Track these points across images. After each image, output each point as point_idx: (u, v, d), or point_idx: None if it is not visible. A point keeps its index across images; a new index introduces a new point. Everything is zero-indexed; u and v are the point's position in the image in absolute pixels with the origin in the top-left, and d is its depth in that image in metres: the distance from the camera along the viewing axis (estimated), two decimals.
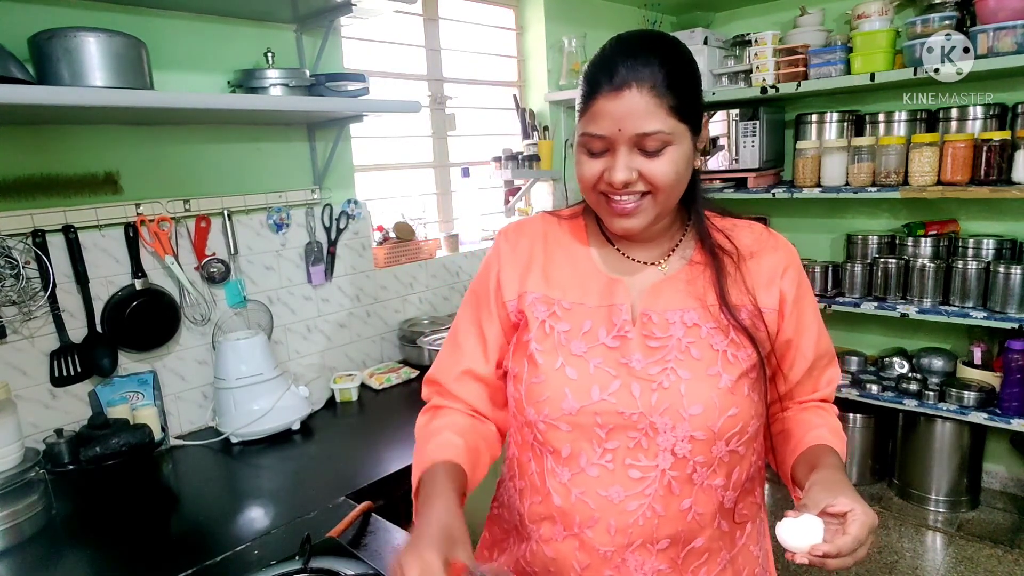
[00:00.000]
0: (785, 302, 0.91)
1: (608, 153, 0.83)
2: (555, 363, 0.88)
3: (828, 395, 0.99)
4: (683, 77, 0.82)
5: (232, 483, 1.56)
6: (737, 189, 3.10)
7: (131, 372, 1.70)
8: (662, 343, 0.87)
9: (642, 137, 0.80)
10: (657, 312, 0.88)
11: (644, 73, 0.79)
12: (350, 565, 1.02)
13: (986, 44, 2.33)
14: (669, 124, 0.80)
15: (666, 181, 0.83)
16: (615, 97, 0.79)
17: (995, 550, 2.51)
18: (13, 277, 1.46)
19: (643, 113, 0.79)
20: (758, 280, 0.91)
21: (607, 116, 0.80)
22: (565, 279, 0.93)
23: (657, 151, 0.81)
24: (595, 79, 0.82)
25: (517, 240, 0.98)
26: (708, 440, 0.84)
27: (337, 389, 2.02)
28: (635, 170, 0.82)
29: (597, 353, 0.87)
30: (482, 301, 0.97)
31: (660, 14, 3.22)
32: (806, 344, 0.94)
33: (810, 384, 0.97)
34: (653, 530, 0.86)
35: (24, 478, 1.30)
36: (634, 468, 0.85)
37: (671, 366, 0.85)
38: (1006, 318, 2.42)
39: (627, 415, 0.85)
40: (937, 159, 2.54)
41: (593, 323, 0.89)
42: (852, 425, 2.99)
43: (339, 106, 1.76)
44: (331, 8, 1.83)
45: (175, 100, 1.48)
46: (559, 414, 0.87)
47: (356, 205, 2.15)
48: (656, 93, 0.79)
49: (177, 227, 1.75)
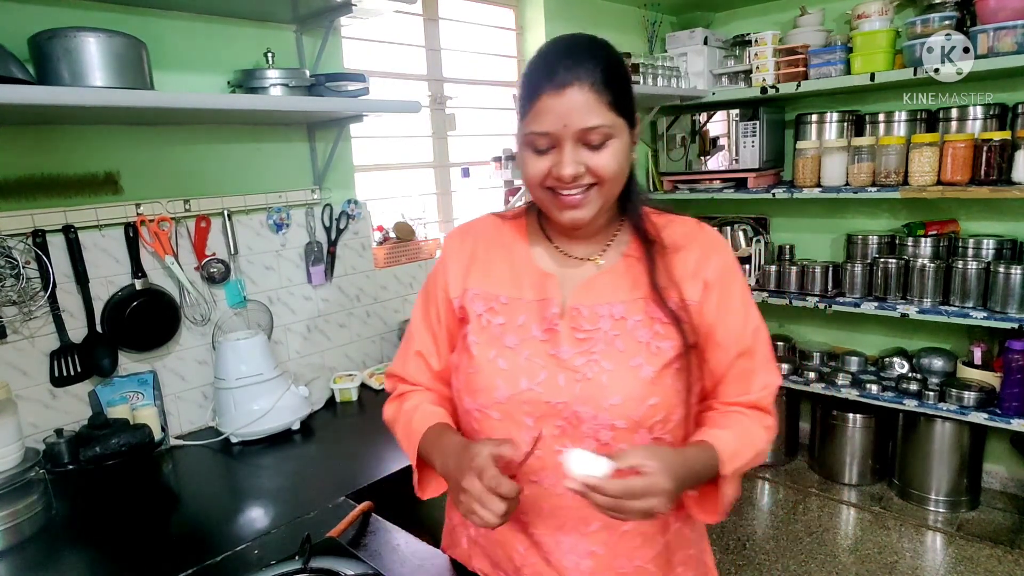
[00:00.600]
0: (707, 292, 0.93)
1: (554, 150, 0.87)
2: (489, 354, 0.94)
3: (760, 400, 0.96)
4: (617, 75, 0.86)
5: (232, 483, 1.56)
6: (737, 189, 3.10)
7: (131, 372, 1.70)
8: (589, 335, 0.91)
9: (586, 131, 0.84)
10: (587, 306, 0.93)
11: (583, 71, 0.83)
12: (350, 565, 1.02)
13: (986, 44, 2.33)
14: (609, 118, 0.85)
15: (611, 172, 0.87)
16: (558, 95, 0.83)
17: (995, 550, 2.51)
18: (13, 277, 1.46)
19: (585, 109, 0.83)
20: (684, 273, 0.94)
21: (551, 113, 0.84)
22: (504, 276, 0.99)
23: (600, 144, 0.86)
24: (537, 80, 0.86)
25: (463, 240, 1.04)
26: (630, 428, 0.88)
27: (337, 389, 2.02)
28: (581, 164, 0.86)
29: (528, 345, 0.93)
30: (431, 300, 1.04)
31: (660, 14, 3.22)
32: (724, 333, 0.94)
33: (739, 385, 0.95)
34: (584, 514, 0.91)
35: (24, 478, 1.30)
36: (561, 455, 0.89)
37: (596, 357, 0.90)
38: (1006, 318, 2.42)
39: (552, 404, 0.90)
40: (937, 159, 2.54)
41: (527, 317, 0.94)
42: (852, 425, 2.99)
43: (339, 106, 1.76)
44: (331, 8, 1.83)
45: (175, 100, 1.48)
46: (491, 402, 0.93)
47: (356, 205, 2.15)
48: (596, 89, 0.83)
49: (177, 227, 1.75)
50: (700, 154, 3.20)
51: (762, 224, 3.35)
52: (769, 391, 0.96)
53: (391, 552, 1.13)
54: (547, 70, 0.85)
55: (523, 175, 0.92)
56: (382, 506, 1.30)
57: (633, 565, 0.94)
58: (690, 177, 3.27)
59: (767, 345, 0.97)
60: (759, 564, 2.51)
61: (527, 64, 0.89)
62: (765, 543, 2.65)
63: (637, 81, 2.79)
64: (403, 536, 1.18)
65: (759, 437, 0.93)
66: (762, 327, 0.97)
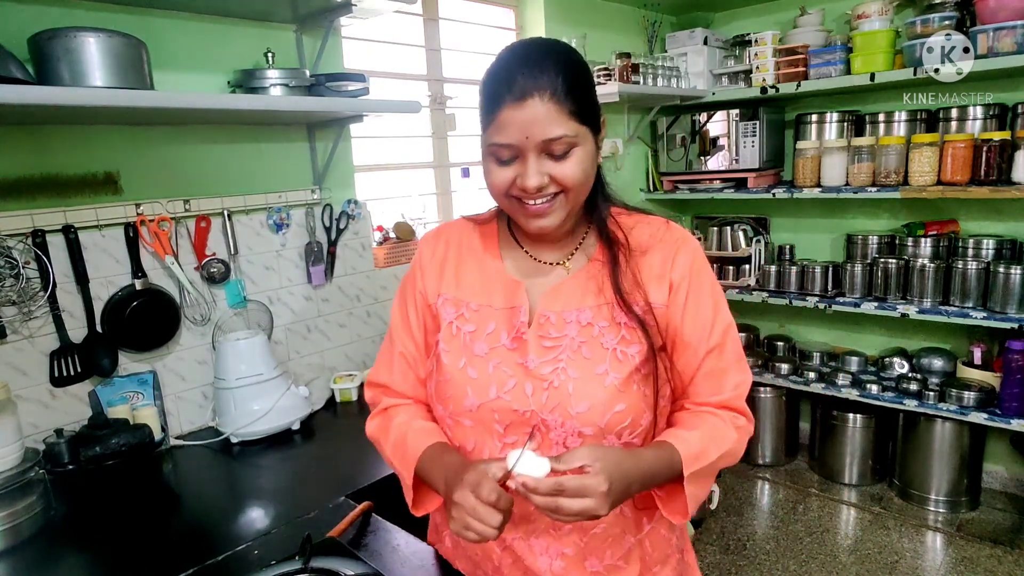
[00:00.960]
0: (672, 292, 0.93)
1: (517, 160, 0.86)
2: (459, 363, 0.95)
3: (731, 400, 0.95)
4: (580, 82, 0.85)
5: (232, 483, 1.56)
6: (737, 189, 3.11)
7: (131, 372, 1.70)
8: (556, 343, 0.91)
9: (549, 142, 0.84)
10: (555, 312, 0.93)
11: (544, 81, 0.82)
12: (350, 565, 1.02)
13: (986, 44, 2.33)
14: (572, 128, 0.84)
15: (575, 180, 0.86)
16: (519, 107, 0.82)
17: (995, 550, 2.51)
18: (13, 277, 1.46)
19: (547, 120, 0.82)
20: (649, 275, 0.93)
21: (513, 125, 0.83)
22: (474, 282, 0.99)
23: (564, 154, 0.85)
24: (496, 91, 0.84)
25: (435, 245, 1.04)
26: (596, 435, 0.89)
27: (337, 389, 2.02)
28: (545, 174, 0.85)
29: (497, 354, 0.93)
30: (409, 303, 1.03)
31: (660, 14, 3.22)
32: (692, 333, 0.92)
33: (710, 385, 0.94)
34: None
35: (24, 478, 1.30)
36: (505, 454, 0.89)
37: (562, 365, 0.90)
38: (1006, 318, 2.42)
39: (520, 412, 0.90)
40: (937, 159, 2.54)
41: (496, 325, 0.95)
42: (852, 425, 2.99)
43: (339, 106, 1.76)
44: (331, 8, 1.83)
45: (175, 100, 1.48)
46: (462, 410, 0.94)
47: (356, 205, 2.15)
48: (557, 99, 0.82)
49: (177, 227, 1.75)
50: (700, 154, 3.20)
51: (762, 224, 3.35)
52: (741, 390, 0.95)
53: (391, 552, 1.13)
54: (507, 80, 0.83)
55: (487, 184, 0.91)
56: (382, 506, 1.30)
57: (603, 564, 0.95)
58: (690, 177, 3.26)
59: (737, 343, 0.96)
60: (759, 564, 2.51)
61: (485, 72, 0.88)
62: (765, 543, 2.65)
63: (637, 81, 2.79)
64: (403, 536, 1.18)
65: (728, 437, 0.92)
66: (732, 325, 0.96)
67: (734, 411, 0.95)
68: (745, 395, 0.96)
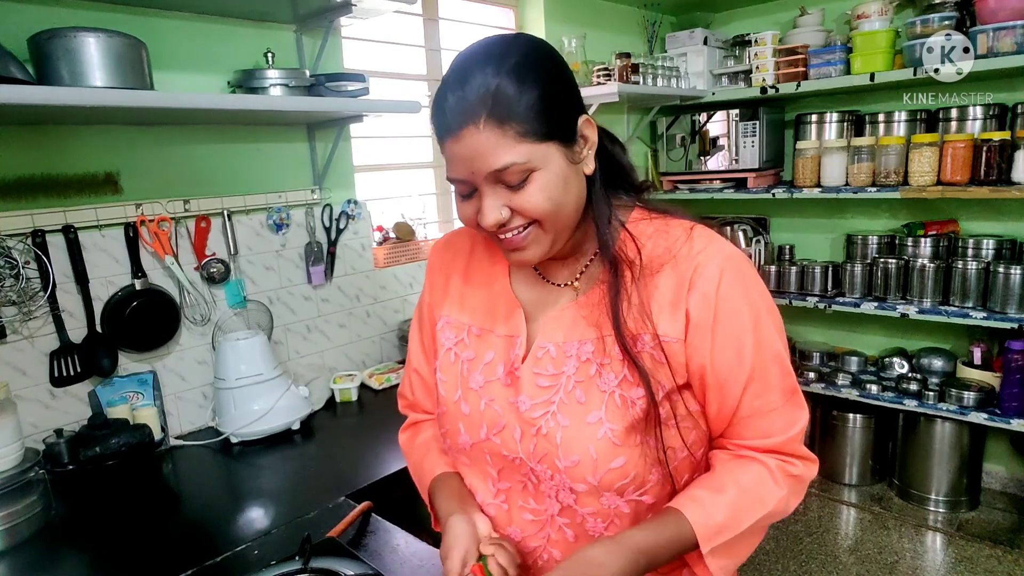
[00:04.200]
0: (692, 325, 0.76)
1: (477, 194, 0.75)
2: (454, 396, 0.88)
3: (783, 445, 0.78)
4: (528, 92, 0.70)
5: (232, 483, 1.56)
6: (737, 189, 3.10)
7: (131, 372, 1.70)
8: (553, 382, 0.80)
9: (498, 173, 0.71)
10: (556, 343, 0.81)
11: (474, 108, 0.69)
12: (350, 565, 1.02)
13: (986, 44, 2.33)
14: (522, 152, 0.70)
15: (540, 210, 0.73)
16: (456, 142, 0.71)
17: (995, 550, 2.51)
18: (13, 277, 1.46)
19: (488, 150, 0.70)
20: (661, 301, 0.77)
21: (457, 160, 0.73)
22: (479, 302, 0.90)
23: (521, 183, 0.72)
24: (436, 122, 0.74)
25: (443, 256, 0.97)
26: (591, 492, 0.77)
27: (337, 389, 2.02)
28: (504, 207, 0.74)
29: (491, 390, 0.84)
30: (421, 318, 0.99)
31: (660, 14, 3.22)
32: (721, 368, 0.76)
33: (753, 428, 0.78)
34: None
35: (24, 478, 1.30)
36: (526, 511, 0.84)
37: (553, 409, 0.78)
38: (1006, 318, 2.42)
39: (510, 458, 0.82)
40: (937, 159, 2.54)
41: (495, 355, 0.85)
42: (852, 425, 2.99)
43: (339, 106, 1.76)
44: (331, 8, 1.83)
45: (175, 100, 1.48)
46: (456, 446, 0.88)
47: (356, 205, 2.15)
48: (495, 123, 0.69)
49: (177, 227, 1.75)
50: (700, 154, 3.20)
51: (762, 224, 3.35)
52: (793, 432, 0.78)
53: (391, 552, 1.13)
54: (441, 109, 0.73)
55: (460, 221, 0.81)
56: (382, 506, 1.30)
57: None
58: (690, 177, 3.26)
59: (786, 374, 0.78)
60: (759, 564, 2.51)
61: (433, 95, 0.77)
62: (765, 543, 2.65)
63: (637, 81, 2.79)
64: (403, 536, 1.18)
65: (769, 496, 0.76)
66: (779, 354, 0.78)
67: (787, 456, 0.79)
68: (801, 437, 0.79)
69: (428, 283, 0.98)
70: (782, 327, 0.80)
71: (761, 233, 3.29)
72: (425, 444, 0.99)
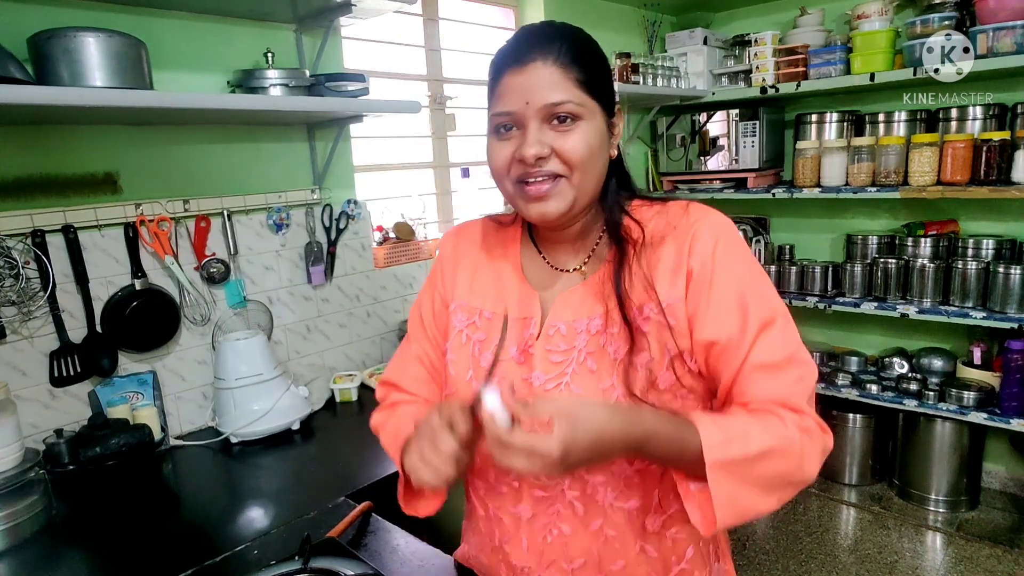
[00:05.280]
0: (692, 283, 0.80)
1: (519, 132, 0.80)
2: (466, 375, 0.90)
3: (792, 398, 0.76)
4: (588, 54, 0.81)
5: (232, 483, 1.56)
6: (737, 189, 3.10)
7: (131, 372, 1.70)
8: (565, 356, 0.84)
9: (551, 107, 0.78)
10: (566, 322, 0.85)
11: (547, 48, 0.78)
12: (350, 565, 1.02)
13: (986, 44, 2.33)
14: (577, 96, 0.78)
15: (579, 156, 0.79)
16: (520, 72, 0.78)
17: (995, 550, 2.51)
18: (13, 277, 1.46)
19: (549, 84, 0.77)
20: (664, 269, 0.82)
21: (513, 91, 0.79)
22: (490, 288, 0.93)
23: (568, 125, 0.79)
24: (500, 61, 0.82)
25: (457, 243, 1.01)
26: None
27: (337, 389, 2.02)
28: (547, 145, 0.79)
29: (504, 368, 0.87)
30: (424, 304, 1.01)
31: (660, 14, 3.22)
32: (721, 324, 0.78)
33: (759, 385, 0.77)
34: (564, 549, 0.86)
35: (24, 478, 1.30)
36: (536, 487, 0.86)
37: (567, 380, 0.82)
38: (1006, 318, 2.42)
39: None
40: (937, 159, 2.54)
41: (507, 335, 0.88)
42: (852, 425, 2.99)
43: (339, 106, 1.76)
44: (331, 8, 1.83)
45: (175, 100, 1.48)
46: None
47: (356, 205, 2.15)
48: (561, 64, 0.78)
49: (177, 227, 1.75)
50: (700, 154, 3.20)
51: (762, 224, 3.35)
52: (802, 386, 0.77)
53: (391, 552, 1.13)
54: (511, 50, 0.81)
55: (490, 167, 0.85)
56: (382, 506, 1.30)
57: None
58: (690, 177, 3.27)
59: (789, 330, 0.79)
60: (759, 564, 2.51)
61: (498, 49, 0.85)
62: (765, 543, 2.65)
63: (637, 81, 2.79)
64: (403, 536, 1.18)
65: (784, 434, 0.73)
66: (778, 311, 0.79)
67: (797, 413, 0.76)
68: (809, 393, 0.78)
69: (439, 270, 1.00)
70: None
71: (761, 233, 3.29)
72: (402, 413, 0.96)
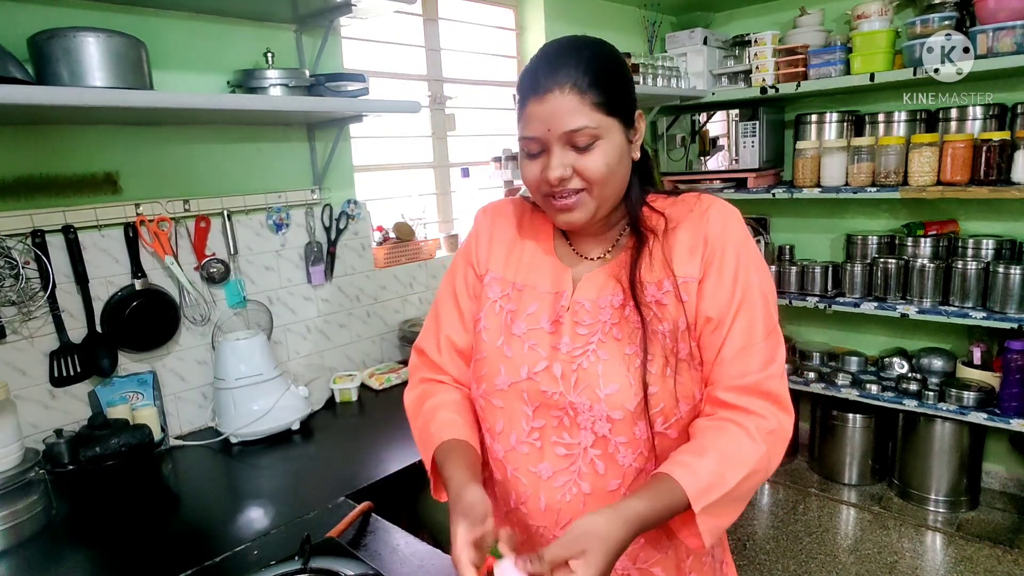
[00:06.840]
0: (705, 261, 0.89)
1: (544, 154, 0.88)
2: (497, 341, 0.96)
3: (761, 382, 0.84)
4: (606, 73, 0.86)
5: (232, 483, 1.56)
6: (737, 189, 3.10)
7: (131, 372, 1.70)
8: (591, 328, 0.91)
9: (571, 134, 0.85)
10: (591, 299, 0.93)
11: (564, 76, 0.84)
12: (350, 565, 1.02)
13: (986, 44, 2.33)
14: (595, 119, 0.85)
15: (599, 174, 0.87)
16: (541, 102, 0.85)
17: (995, 550, 2.51)
18: (13, 277, 1.46)
19: (567, 112, 0.84)
20: (680, 249, 0.90)
21: (536, 119, 0.86)
22: (524, 263, 1.00)
23: (587, 146, 0.86)
24: (524, 87, 0.89)
25: (494, 219, 1.06)
26: (626, 420, 0.86)
27: (337, 389, 2.02)
28: (569, 166, 0.87)
29: (534, 336, 0.93)
30: (458, 275, 1.05)
31: (660, 14, 3.22)
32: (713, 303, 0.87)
33: (734, 366, 0.85)
34: (581, 508, 0.89)
35: (24, 478, 1.30)
36: (559, 445, 0.90)
37: (592, 347, 0.89)
38: (1005, 318, 2.42)
39: (549, 394, 0.90)
40: (937, 159, 2.54)
41: (539, 307, 0.95)
42: (852, 425, 2.99)
43: (339, 106, 1.76)
44: (331, 8, 1.83)
45: (175, 100, 1.48)
46: (493, 389, 0.94)
47: (356, 205, 2.15)
48: (578, 91, 0.84)
49: (177, 227, 1.75)
50: (700, 154, 3.20)
51: (762, 224, 3.35)
52: (771, 370, 0.85)
53: (391, 552, 1.13)
54: (531, 77, 0.87)
55: (523, 181, 0.93)
56: (382, 506, 1.30)
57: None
58: (690, 177, 3.26)
59: (768, 316, 0.87)
60: (759, 564, 2.51)
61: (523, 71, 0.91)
62: (765, 543, 2.65)
63: (637, 81, 2.79)
64: (403, 536, 1.18)
65: (750, 454, 0.81)
66: (765, 296, 0.88)
67: (763, 397, 0.84)
68: (778, 375, 0.85)
69: (474, 242, 1.05)
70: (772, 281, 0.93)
71: (761, 233, 3.29)
72: (434, 408, 1.00)
